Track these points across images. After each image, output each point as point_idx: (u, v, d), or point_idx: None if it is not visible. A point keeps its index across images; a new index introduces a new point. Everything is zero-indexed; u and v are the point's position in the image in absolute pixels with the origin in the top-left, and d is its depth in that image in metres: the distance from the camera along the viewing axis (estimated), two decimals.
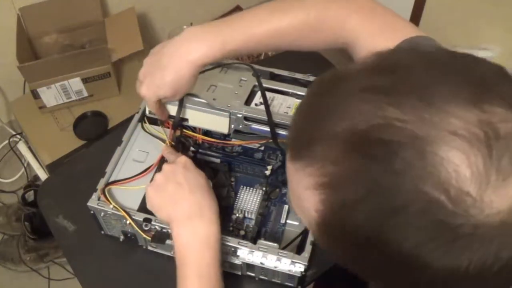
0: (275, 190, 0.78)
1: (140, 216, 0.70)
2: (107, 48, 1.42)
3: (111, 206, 0.70)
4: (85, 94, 1.48)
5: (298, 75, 0.83)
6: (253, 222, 0.75)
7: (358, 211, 0.33)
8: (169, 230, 0.67)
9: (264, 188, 0.78)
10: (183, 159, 0.68)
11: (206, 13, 2.03)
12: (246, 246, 0.67)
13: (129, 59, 1.53)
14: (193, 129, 0.80)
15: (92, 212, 0.72)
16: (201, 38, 0.63)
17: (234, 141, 0.81)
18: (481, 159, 0.30)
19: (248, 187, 0.79)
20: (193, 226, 0.63)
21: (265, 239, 0.70)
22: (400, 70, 0.35)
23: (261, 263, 0.66)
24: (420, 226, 0.32)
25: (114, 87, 1.49)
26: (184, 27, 1.82)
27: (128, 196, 0.73)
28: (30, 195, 1.53)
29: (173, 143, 0.76)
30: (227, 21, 0.65)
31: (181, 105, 0.74)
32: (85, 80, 1.44)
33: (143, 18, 1.77)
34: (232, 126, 0.75)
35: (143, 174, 0.75)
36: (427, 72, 0.34)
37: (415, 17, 1.52)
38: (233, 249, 0.67)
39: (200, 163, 0.78)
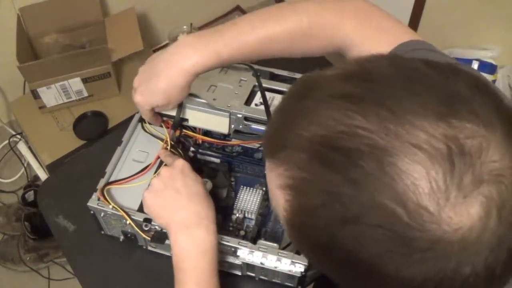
0: None
1: (139, 216, 0.70)
2: (107, 48, 1.42)
3: (111, 206, 0.70)
4: (85, 94, 1.48)
5: (298, 75, 0.83)
6: (253, 222, 0.75)
7: (316, 217, 0.34)
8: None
9: (264, 188, 0.78)
10: (180, 163, 0.68)
11: (206, 13, 2.03)
12: (246, 246, 0.67)
13: (129, 59, 1.53)
14: (193, 129, 0.80)
15: (92, 212, 0.72)
16: (195, 46, 0.63)
17: (234, 141, 0.81)
18: (441, 174, 0.30)
19: (248, 187, 0.79)
20: (190, 235, 0.63)
21: (265, 239, 0.70)
22: (374, 79, 0.35)
23: (261, 263, 0.66)
24: (375, 237, 0.32)
25: (114, 87, 1.49)
26: (184, 27, 1.83)
27: (128, 196, 0.73)
28: (30, 195, 1.53)
29: (173, 143, 0.76)
30: (220, 29, 0.64)
31: (181, 106, 0.74)
32: (85, 80, 1.44)
33: (143, 18, 1.77)
34: (232, 126, 0.75)
35: (141, 173, 0.74)
36: (400, 83, 0.34)
37: (415, 17, 1.52)
38: (233, 249, 0.67)
39: (200, 163, 0.79)
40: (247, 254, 0.67)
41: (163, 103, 0.67)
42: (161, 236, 0.69)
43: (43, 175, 1.50)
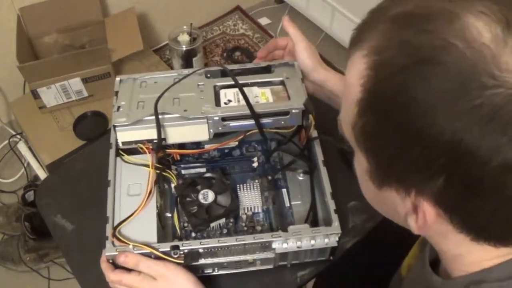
0: (267, 177, 0.79)
1: (166, 247, 0.66)
2: (107, 48, 1.43)
3: (131, 246, 0.66)
4: (85, 94, 1.48)
5: (249, 65, 0.83)
6: (261, 215, 0.76)
7: (396, 64, 0.39)
8: (198, 249, 0.67)
9: (257, 180, 0.79)
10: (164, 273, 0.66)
11: (206, 13, 2.03)
12: (280, 236, 0.67)
13: (129, 59, 1.53)
14: (166, 147, 0.78)
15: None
16: None
17: (208, 147, 0.81)
18: (500, 28, 0.36)
19: (242, 185, 0.79)
20: None
21: (280, 226, 0.72)
22: None
23: (298, 247, 0.67)
24: (445, 76, 0.36)
25: (114, 87, 1.49)
26: (184, 27, 1.83)
27: (137, 230, 0.69)
28: (30, 195, 1.53)
29: (159, 166, 0.74)
30: None
31: (160, 127, 0.73)
32: (85, 80, 1.45)
33: (143, 18, 1.78)
34: (211, 130, 0.75)
35: (144, 205, 0.71)
36: None
37: None
38: (267, 243, 0.67)
39: (192, 178, 0.77)
40: (282, 243, 0.67)
41: None
42: (193, 255, 0.67)
43: (43, 175, 1.50)
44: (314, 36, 1.92)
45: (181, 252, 0.67)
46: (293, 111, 0.75)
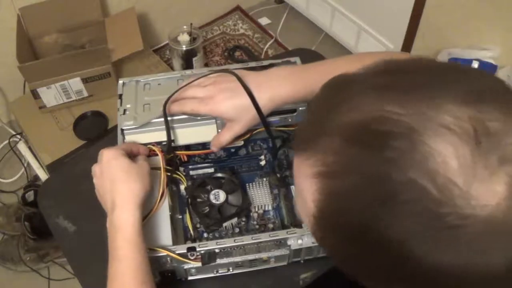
0: (275, 175, 0.79)
1: (182, 248, 0.67)
2: (107, 48, 1.42)
3: (148, 250, 0.66)
4: (85, 94, 1.48)
5: (252, 64, 0.83)
6: (271, 213, 0.76)
7: (351, 199, 0.35)
8: (215, 249, 0.67)
9: (265, 178, 0.79)
10: (104, 155, 0.69)
11: (206, 13, 2.03)
12: (295, 233, 0.67)
13: (129, 59, 1.53)
14: (175, 148, 0.78)
15: None
16: (290, 78, 0.70)
17: None
18: (469, 152, 0.32)
19: (251, 183, 0.79)
20: (110, 217, 0.65)
21: (292, 223, 0.72)
22: (406, 71, 0.38)
23: (313, 243, 0.67)
24: (408, 215, 0.33)
25: (114, 87, 1.49)
26: (184, 27, 1.82)
27: (153, 234, 0.69)
28: (30, 195, 1.53)
29: (170, 168, 0.75)
30: (308, 67, 0.72)
31: (169, 129, 0.73)
32: (85, 80, 1.45)
33: (143, 18, 1.78)
34: (220, 130, 0.75)
35: (155, 209, 0.71)
36: (431, 74, 0.37)
37: (415, 17, 1.52)
38: (282, 241, 0.68)
39: (204, 179, 0.77)
40: (297, 240, 0.68)
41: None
42: (210, 256, 0.67)
43: (43, 175, 1.50)
44: (314, 36, 1.91)
45: (198, 254, 0.67)
46: (300, 108, 0.75)
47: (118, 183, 0.66)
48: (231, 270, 0.72)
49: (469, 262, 0.33)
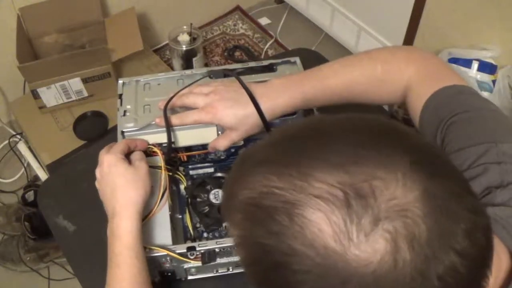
0: None
1: (182, 248, 0.67)
2: (107, 48, 1.43)
3: (147, 250, 0.66)
4: (85, 94, 1.48)
5: (252, 64, 0.83)
6: None
7: (255, 265, 0.39)
8: (215, 249, 0.67)
9: None
10: (105, 160, 0.69)
11: (206, 13, 2.03)
12: None
13: (129, 59, 1.53)
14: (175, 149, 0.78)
15: None
16: (286, 87, 0.71)
17: None
18: (341, 218, 0.34)
19: None
20: (110, 224, 0.66)
21: None
22: (287, 143, 0.40)
23: None
24: (299, 280, 0.35)
25: (114, 87, 1.49)
26: (184, 27, 1.83)
27: (153, 234, 0.69)
28: (30, 195, 1.53)
29: (170, 168, 0.74)
30: (305, 74, 0.72)
31: (169, 131, 0.73)
32: (85, 80, 1.45)
33: (143, 18, 1.78)
34: (220, 132, 0.75)
35: (155, 209, 0.70)
36: (311, 142, 0.38)
37: (415, 17, 1.52)
38: None
39: (203, 179, 0.77)
40: None
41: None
42: (210, 255, 0.67)
43: (43, 175, 1.50)
44: (314, 36, 1.91)
45: (198, 253, 0.67)
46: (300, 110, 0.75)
47: (117, 191, 0.67)
48: (231, 270, 0.72)
49: None
